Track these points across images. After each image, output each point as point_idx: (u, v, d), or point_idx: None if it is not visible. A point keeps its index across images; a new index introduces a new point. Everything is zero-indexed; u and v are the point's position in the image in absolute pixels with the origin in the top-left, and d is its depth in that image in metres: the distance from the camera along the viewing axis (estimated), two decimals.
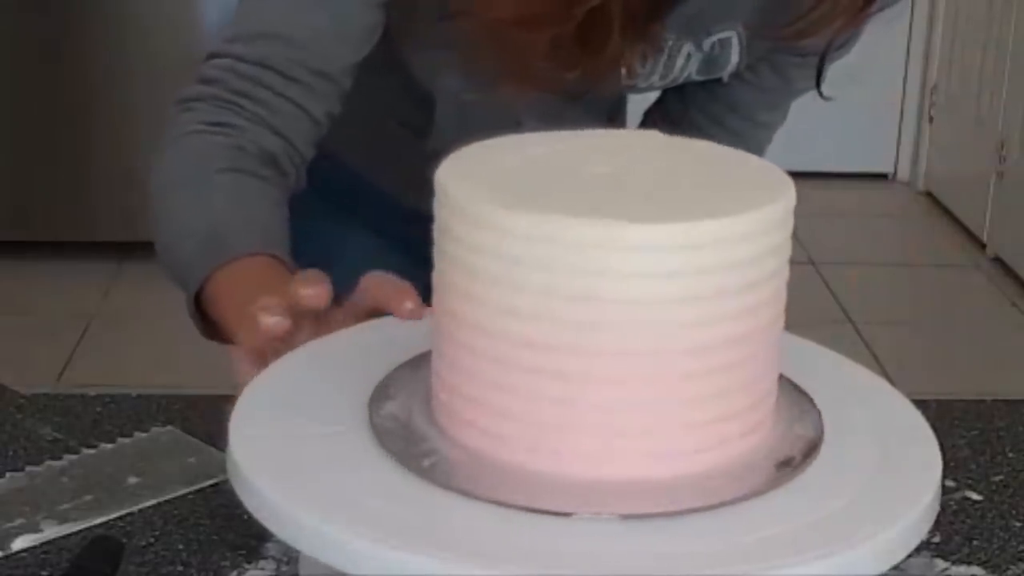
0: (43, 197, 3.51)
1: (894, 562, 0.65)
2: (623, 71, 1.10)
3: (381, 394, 0.74)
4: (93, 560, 0.83)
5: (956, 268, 3.79)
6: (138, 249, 3.52)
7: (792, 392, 0.76)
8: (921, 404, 0.77)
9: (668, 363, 0.66)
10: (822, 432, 0.73)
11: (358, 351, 0.79)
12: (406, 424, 0.72)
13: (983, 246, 3.84)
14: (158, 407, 1.03)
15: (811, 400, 0.76)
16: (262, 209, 1.01)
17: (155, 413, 1.02)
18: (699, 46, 1.12)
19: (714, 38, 1.12)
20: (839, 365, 0.83)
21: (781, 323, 0.71)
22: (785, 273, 0.70)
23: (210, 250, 0.96)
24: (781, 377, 0.74)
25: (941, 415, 0.76)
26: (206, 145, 1.03)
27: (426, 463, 0.68)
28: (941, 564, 0.87)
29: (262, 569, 0.84)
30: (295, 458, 0.69)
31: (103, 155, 3.50)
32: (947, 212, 4.03)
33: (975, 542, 0.90)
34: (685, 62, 1.13)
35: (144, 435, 0.99)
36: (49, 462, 0.95)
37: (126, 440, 0.98)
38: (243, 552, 0.85)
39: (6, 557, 0.85)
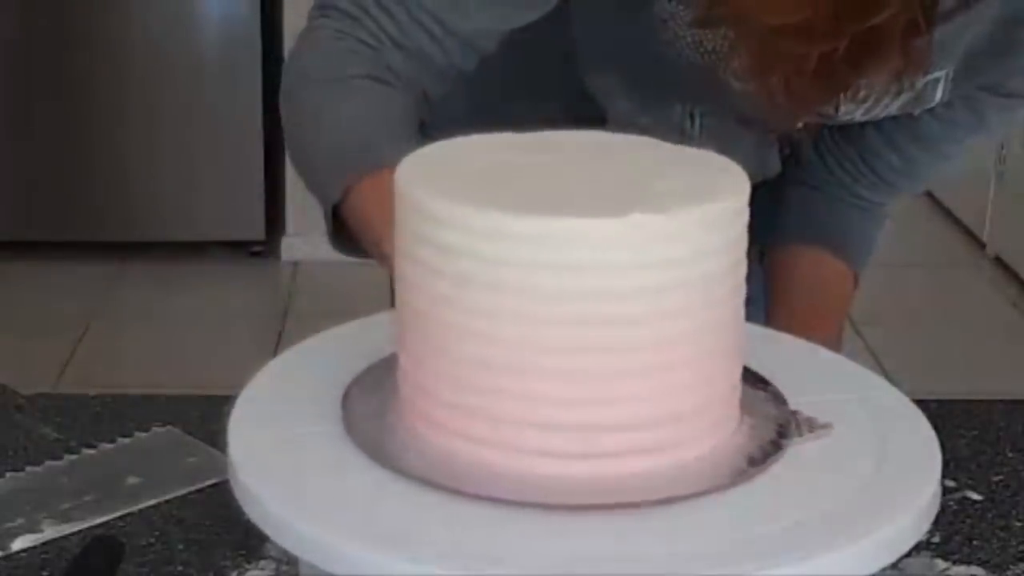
0: (43, 197, 3.51)
1: (892, 560, 0.65)
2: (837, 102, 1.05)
3: (376, 393, 0.75)
4: (93, 560, 0.83)
5: (956, 268, 3.79)
6: (138, 249, 3.53)
7: (758, 386, 0.76)
8: (921, 404, 0.77)
9: (631, 358, 0.66)
10: (789, 424, 0.73)
11: (360, 349, 0.79)
12: (402, 424, 0.72)
13: (983, 246, 3.84)
14: (158, 407, 1.03)
15: (779, 393, 0.76)
16: (399, 118, 1.00)
17: (155, 413, 1.02)
18: (912, 85, 1.06)
19: (928, 77, 1.07)
20: (838, 364, 0.83)
21: (741, 317, 0.71)
22: (743, 268, 0.70)
23: (351, 159, 0.96)
24: (749, 372, 0.74)
25: (941, 415, 0.76)
26: (337, 51, 1.02)
27: (411, 464, 0.68)
28: (941, 564, 0.87)
29: (262, 569, 0.84)
30: (293, 459, 0.69)
31: (103, 155, 3.50)
32: (947, 212, 4.03)
33: (975, 542, 0.90)
34: (892, 98, 1.08)
35: (144, 435, 0.99)
36: (49, 462, 0.95)
37: (126, 440, 0.98)
38: (243, 552, 0.85)
39: (6, 557, 0.85)
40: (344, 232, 0.98)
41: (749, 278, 0.72)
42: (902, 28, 0.90)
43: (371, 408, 0.73)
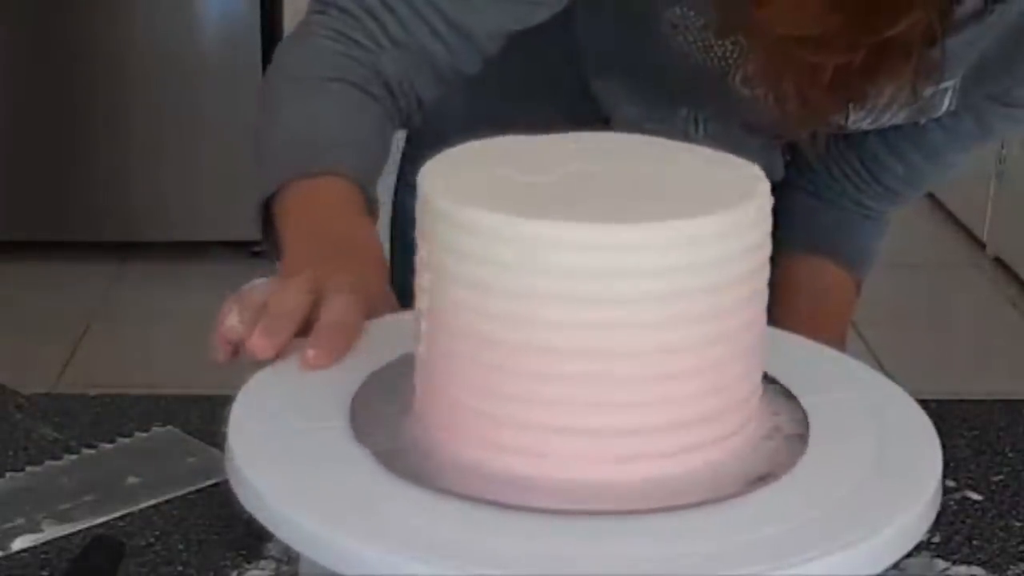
0: (44, 197, 3.51)
1: (892, 561, 0.65)
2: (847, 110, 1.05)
3: (375, 393, 0.74)
4: (93, 560, 0.83)
5: (956, 268, 3.79)
6: (138, 249, 3.53)
7: (776, 390, 0.76)
8: (921, 404, 0.77)
9: (646, 364, 0.66)
10: (807, 431, 0.72)
11: (360, 348, 0.79)
12: (400, 425, 0.72)
13: (983, 246, 3.84)
14: (158, 407, 1.03)
15: (796, 399, 0.76)
16: (361, 126, 0.99)
17: (155, 413, 1.02)
18: (920, 95, 1.03)
19: (937, 87, 1.06)
20: (839, 362, 0.83)
21: (762, 323, 0.71)
22: (764, 274, 0.70)
23: (293, 160, 0.95)
24: (765, 375, 0.74)
25: (941, 415, 0.76)
26: (325, 51, 1.01)
27: (418, 465, 0.68)
28: (941, 564, 0.87)
29: (262, 569, 0.84)
30: (293, 459, 0.69)
31: (103, 155, 3.50)
32: (947, 212, 4.03)
33: (975, 542, 0.90)
34: (899, 108, 1.07)
35: (144, 435, 0.99)
36: (49, 462, 0.95)
37: (126, 440, 0.98)
38: (243, 552, 0.85)
39: (6, 557, 0.85)
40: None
41: None
42: (919, 38, 0.90)
43: (378, 407, 0.73)
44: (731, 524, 0.65)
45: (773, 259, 1.24)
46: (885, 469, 0.70)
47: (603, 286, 0.65)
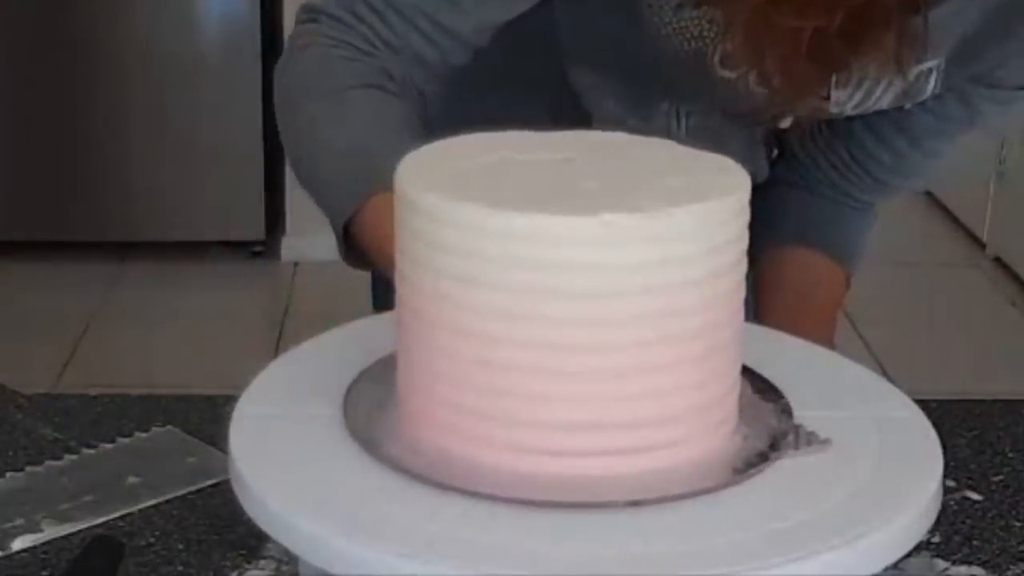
0: (43, 197, 3.51)
1: (892, 561, 0.65)
2: (828, 94, 1.05)
3: (375, 392, 0.75)
4: (93, 560, 0.83)
5: (956, 268, 3.79)
6: (138, 249, 3.53)
7: (775, 391, 0.76)
8: (921, 404, 0.77)
9: (632, 357, 0.66)
10: (808, 431, 0.73)
11: (360, 349, 0.79)
12: (395, 423, 0.72)
13: (983, 246, 3.84)
14: (158, 407, 1.03)
15: (779, 393, 0.76)
16: (400, 128, 0.99)
17: (155, 413, 1.02)
18: (904, 74, 1.04)
19: (921, 67, 1.06)
20: (839, 364, 0.83)
21: (740, 318, 0.71)
22: (743, 267, 0.70)
23: (359, 177, 0.96)
24: (752, 373, 0.74)
25: (941, 415, 0.76)
26: (331, 59, 1.01)
27: (411, 462, 0.68)
28: (941, 564, 0.87)
29: (262, 569, 0.84)
30: (295, 459, 0.69)
31: (103, 155, 3.50)
32: (947, 212, 4.03)
33: (975, 542, 0.90)
34: (884, 90, 1.07)
35: (144, 435, 0.99)
36: (49, 462, 0.95)
37: (126, 440, 0.98)
38: (243, 552, 0.85)
39: (6, 557, 0.85)
40: (355, 247, 0.98)
41: None
42: (896, 4, 0.90)
43: (372, 407, 0.73)
44: (729, 521, 0.65)
45: (763, 251, 1.24)
46: (885, 469, 0.70)
47: (590, 279, 0.65)
